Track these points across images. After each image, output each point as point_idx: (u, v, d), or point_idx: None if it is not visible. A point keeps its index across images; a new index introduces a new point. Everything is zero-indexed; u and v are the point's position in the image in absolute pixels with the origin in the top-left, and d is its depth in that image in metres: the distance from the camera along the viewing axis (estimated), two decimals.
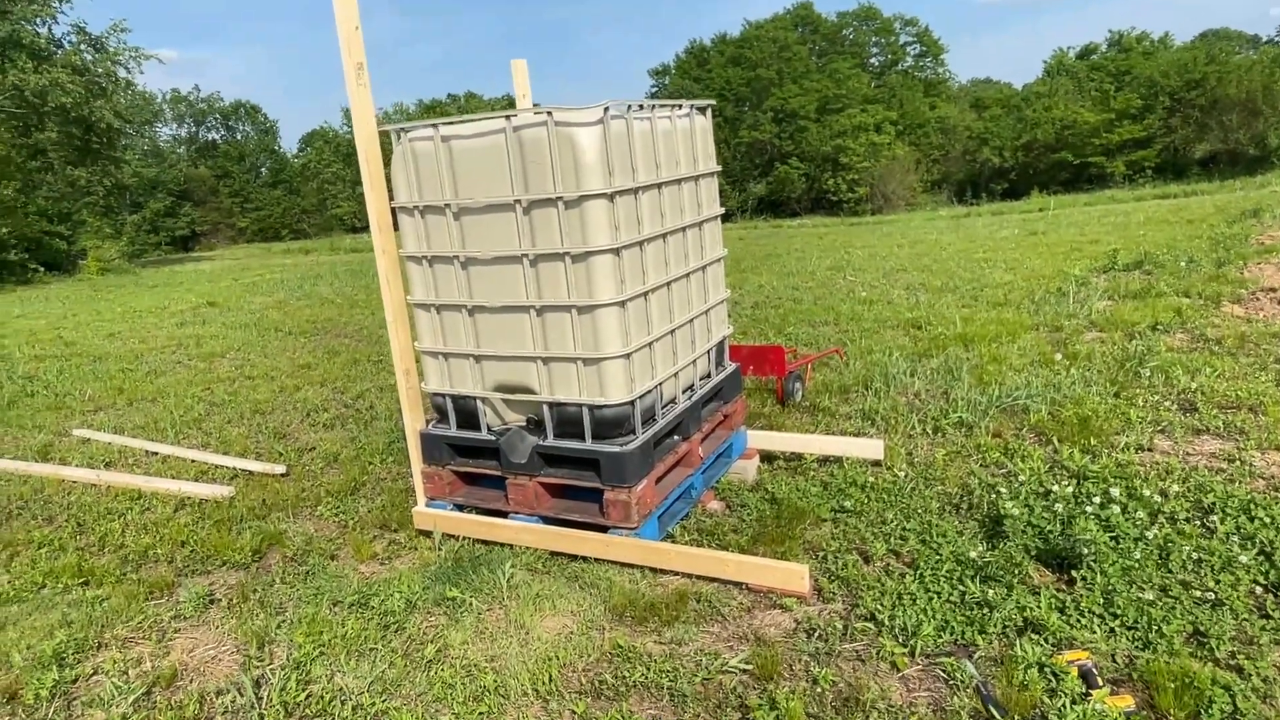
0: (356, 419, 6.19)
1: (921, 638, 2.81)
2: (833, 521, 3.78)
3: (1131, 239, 12.23)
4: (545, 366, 3.52)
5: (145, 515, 4.54)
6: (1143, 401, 4.89)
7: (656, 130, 3.59)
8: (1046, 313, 7.66)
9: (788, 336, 7.82)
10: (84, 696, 2.91)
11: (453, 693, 2.74)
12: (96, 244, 24.90)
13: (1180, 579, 3.02)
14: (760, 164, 42.52)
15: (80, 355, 9.68)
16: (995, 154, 39.73)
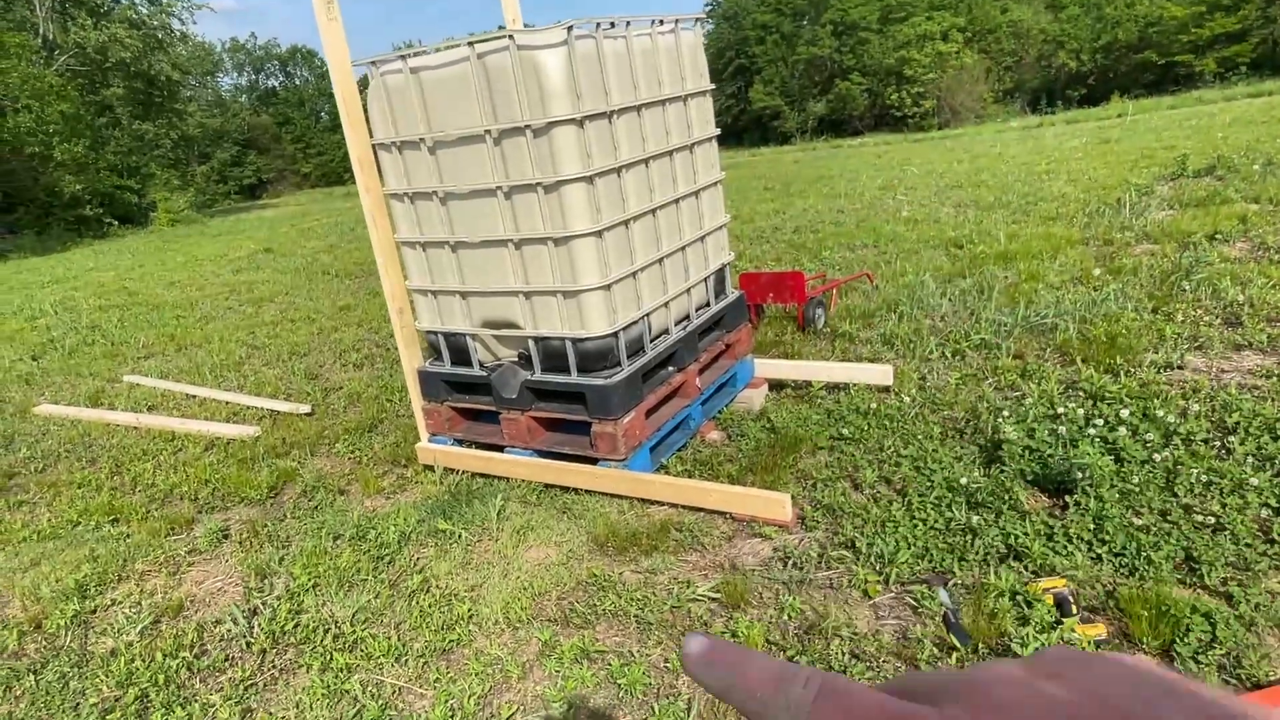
0: (385, 358, 6.31)
1: (897, 565, 2.75)
2: (829, 449, 3.70)
3: (1209, 142, 11.36)
4: (527, 301, 3.49)
5: (176, 456, 4.76)
6: (1182, 316, 4.59)
7: (633, 49, 3.44)
8: (1099, 226, 7.22)
9: (823, 261, 7.59)
10: (99, 626, 3.11)
11: (428, 621, 2.82)
12: (166, 196, 25.75)
13: (1183, 503, 2.86)
14: (820, 81, 40.87)
15: (140, 304, 10.11)
16: (1072, 58, 37.16)
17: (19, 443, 5.27)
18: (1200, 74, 32.40)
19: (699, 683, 0.32)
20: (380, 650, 2.71)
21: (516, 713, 2.38)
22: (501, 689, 2.49)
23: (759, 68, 42.33)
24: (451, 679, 2.55)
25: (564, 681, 2.46)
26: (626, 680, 2.41)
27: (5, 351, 8.00)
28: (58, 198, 21.49)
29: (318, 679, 2.62)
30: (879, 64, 38.36)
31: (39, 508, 4.28)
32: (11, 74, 19.64)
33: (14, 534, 3.94)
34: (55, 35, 24.11)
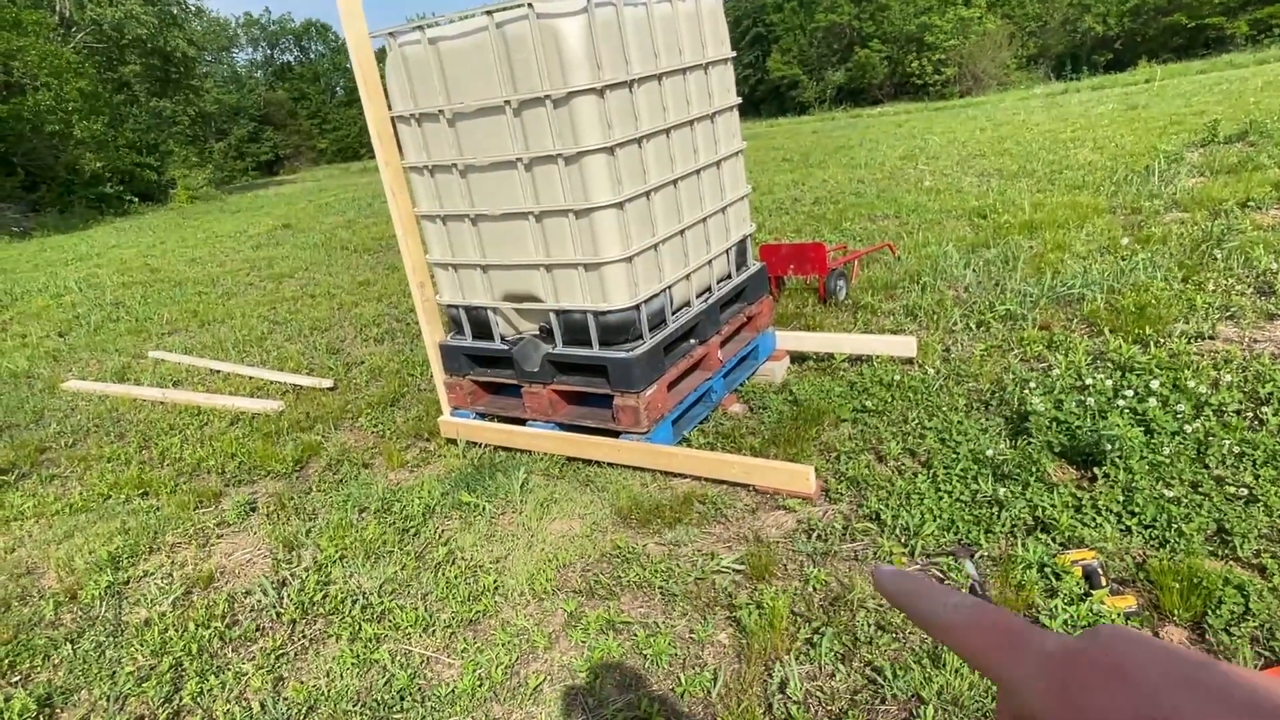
0: (405, 333, 6.33)
1: (923, 537, 2.73)
2: (852, 422, 3.67)
3: (1241, 108, 11.09)
4: (549, 274, 3.48)
5: (202, 430, 4.82)
6: (1213, 286, 4.51)
7: (654, 15, 3.38)
8: (1127, 194, 7.08)
9: (843, 232, 7.51)
10: (132, 596, 3.16)
11: (455, 592, 2.85)
12: (184, 173, 25.88)
13: (1215, 474, 2.82)
14: (838, 49, 40.15)
15: (163, 281, 10.19)
16: (1098, 22, 36.25)
17: (49, 418, 5.35)
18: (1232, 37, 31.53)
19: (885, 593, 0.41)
20: (408, 621, 2.74)
21: (544, 682, 2.40)
22: (528, 659, 2.51)
23: (776, 36, 41.66)
24: (479, 649, 2.57)
25: (590, 652, 2.48)
26: (652, 651, 2.43)
27: (33, 328, 8.10)
28: (79, 175, 21.63)
29: (347, 648, 2.65)
30: (899, 31, 37.62)
31: (70, 481, 4.35)
32: (30, 51, 19.69)
33: (47, 507, 4.01)
34: (72, 12, 24.12)
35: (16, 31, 19.54)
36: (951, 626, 0.37)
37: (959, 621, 0.37)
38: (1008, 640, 0.35)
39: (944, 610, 0.38)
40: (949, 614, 0.38)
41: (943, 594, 0.39)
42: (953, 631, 0.37)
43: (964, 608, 0.38)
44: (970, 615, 0.37)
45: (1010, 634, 0.35)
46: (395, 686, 2.46)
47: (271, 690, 2.55)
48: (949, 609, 0.38)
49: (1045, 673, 0.33)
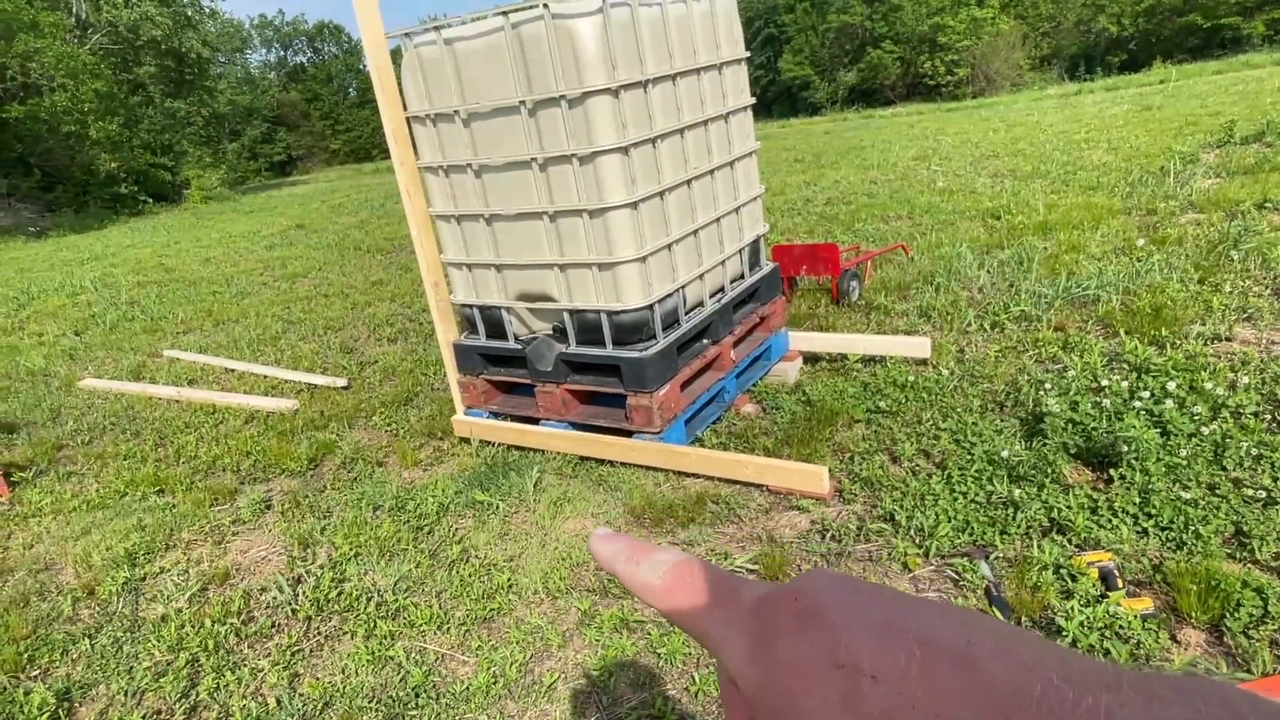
0: (418, 332, 6.36)
1: (938, 538, 2.73)
2: (865, 423, 3.67)
3: (1257, 109, 11.00)
4: (563, 274, 3.49)
5: (218, 428, 4.85)
6: (1230, 287, 4.48)
7: (668, 16, 3.39)
8: (1142, 195, 7.04)
9: (856, 233, 7.49)
10: (149, 592, 3.19)
11: (469, 590, 2.86)
12: (198, 173, 26.03)
13: (1233, 477, 2.80)
14: (850, 50, 40.06)
15: (177, 280, 10.26)
16: (1113, 22, 36.03)
17: (65, 416, 5.39)
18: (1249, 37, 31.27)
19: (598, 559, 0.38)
20: (422, 618, 2.75)
21: (558, 680, 2.41)
22: (542, 656, 2.52)
23: (788, 36, 41.59)
24: (493, 646, 2.58)
25: (604, 650, 2.48)
26: (666, 650, 2.43)
27: (49, 327, 8.17)
28: (94, 176, 21.80)
29: (362, 645, 2.67)
30: (912, 31, 37.50)
31: (87, 479, 4.38)
32: (47, 53, 19.86)
33: (64, 504, 4.05)
34: (88, 14, 24.34)
35: (34, 33, 19.72)
36: (658, 589, 0.35)
37: (665, 582, 0.34)
38: (712, 595, 0.33)
39: (649, 571, 0.35)
40: (656, 575, 0.35)
41: (649, 553, 0.36)
42: (658, 592, 0.35)
43: (669, 565, 0.35)
44: (674, 573, 0.34)
45: (714, 588, 0.33)
46: (410, 683, 2.47)
47: (287, 686, 2.56)
48: (658, 569, 0.35)
49: (743, 624, 0.31)
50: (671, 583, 0.34)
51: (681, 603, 0.34)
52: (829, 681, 0.27)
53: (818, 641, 0.28)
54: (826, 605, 0.29)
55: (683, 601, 0.34)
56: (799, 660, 0.28)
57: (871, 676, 0.26)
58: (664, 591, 0.34)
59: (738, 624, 0.31)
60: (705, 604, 0.33)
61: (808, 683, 0.27)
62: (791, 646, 0.28)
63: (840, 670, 0.27)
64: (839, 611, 0.28)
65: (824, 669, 0.27)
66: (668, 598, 0.34)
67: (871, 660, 0.26)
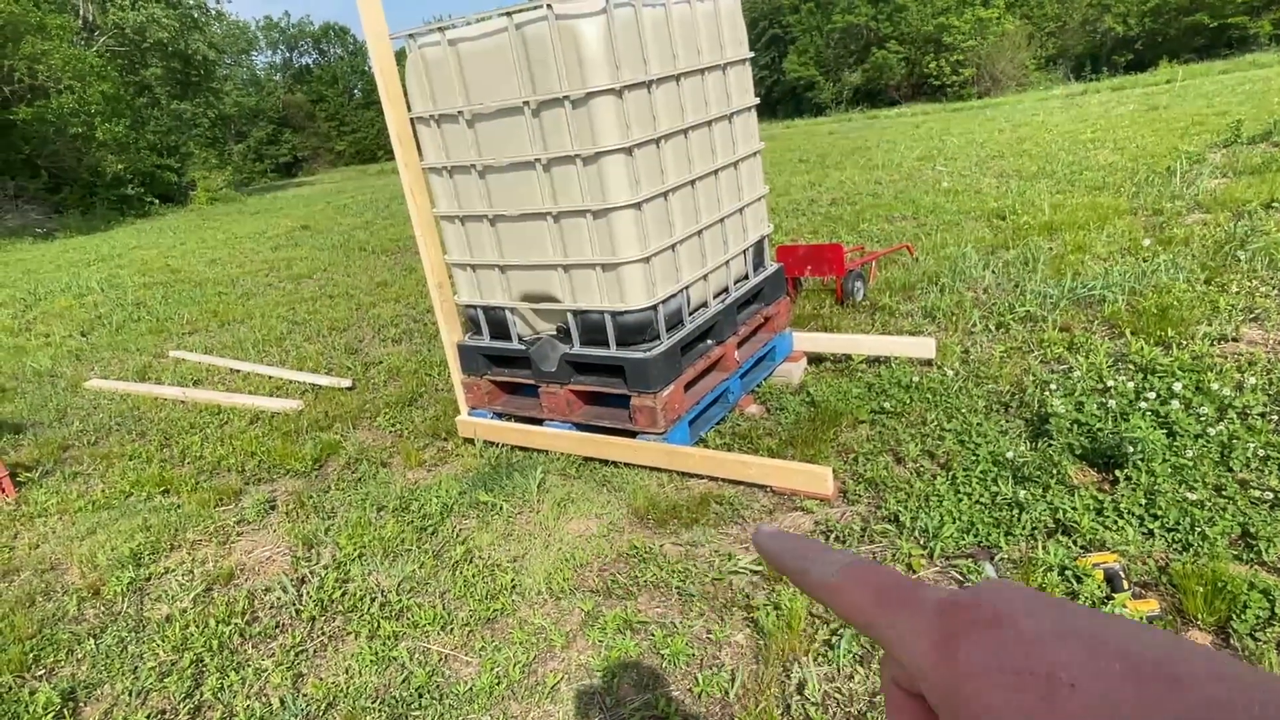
0: (423, 333, 6.37)
1: (943, 540, 2.72)
2: (870, 423, 3.66)
3: (1264, 109, 10.96)
4: (566, 274, 3.49)
5: (223, 429, 4.86)
6: (1236, 287, 4.46)
7: (672, 17, 3.38)
8: (1148, 195, 7.01)
9: (861, 233, 7.48)
10: (154, 592, 3.20)
11: (472, 591, 2.86)
12: (204, 174, 26.10)
13: (1240, 478, 2.79)
14: (855, 50, 40.00)
15: (183, 281, 10.29)
16: (1119, 22, 35.92)
17: (72, 416, 5.41)
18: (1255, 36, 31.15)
19: (764, 554, 0.40)
20: (426, 619, 2.75)
21: (561, 681, 2.41)
22: (546, 657, 2.52)
23: (793, 37, 41.56)
24: (496, 647, 2.58)
25: (607, 651, 2.48)
26: (670, 651, 2.43)
27: (56, 328, 8.20)
28: (101, 177, 21.88)
29: (366, 646, 2.67)
30: (917, 32, 37.43)
31: (92, 479, 4.40)
32: (54, 55, 19.95)
33: (70, 504, 4.06)
34: (95, 16, 24.44)
35: (40, 35, 19.80)
36: (831, 586, 0.36)
37: (839, 580, 0.36)
38: (890, 597, 0.34)
39: (825, 569, 0.36)
40: (830, 573, 0.36)
41: (823, 553, 0.37)
42: (834, 591, 0.36)
43: (845, 565, 0.36)
44: (852, 574, 0.35)
45: (893, 591, 0.34)
46: (414, 684, 2.47)
47: (291, 686, 2.57)
48: (830, 567, 0.36)
49: (926, 627, 0.31)
50: (847, 581, 0.35)
51: (857, 601, 0.35)
52: (1023, 686, 0.27)
53: (1008, 647, 0.28)
54: (1014, 613, 0.29)
55: (859, 600, 0.35)
56: (989, 664, 0.28)
57: (1070, 685, 0.26)
58: (839, 589, 0.35)
59: (921, 625, 0.32)
60: (883, 604, 0.34)
61: (1000, 687, 0.28)
62: (981, 650, 0.29)
63: (1033, 676, 0.27)
64: (1027, 620, 0.29)
65: (1016, 674, 0.27)
66: (843, 596, 0.35)
67: (1069, 668, 0.27)
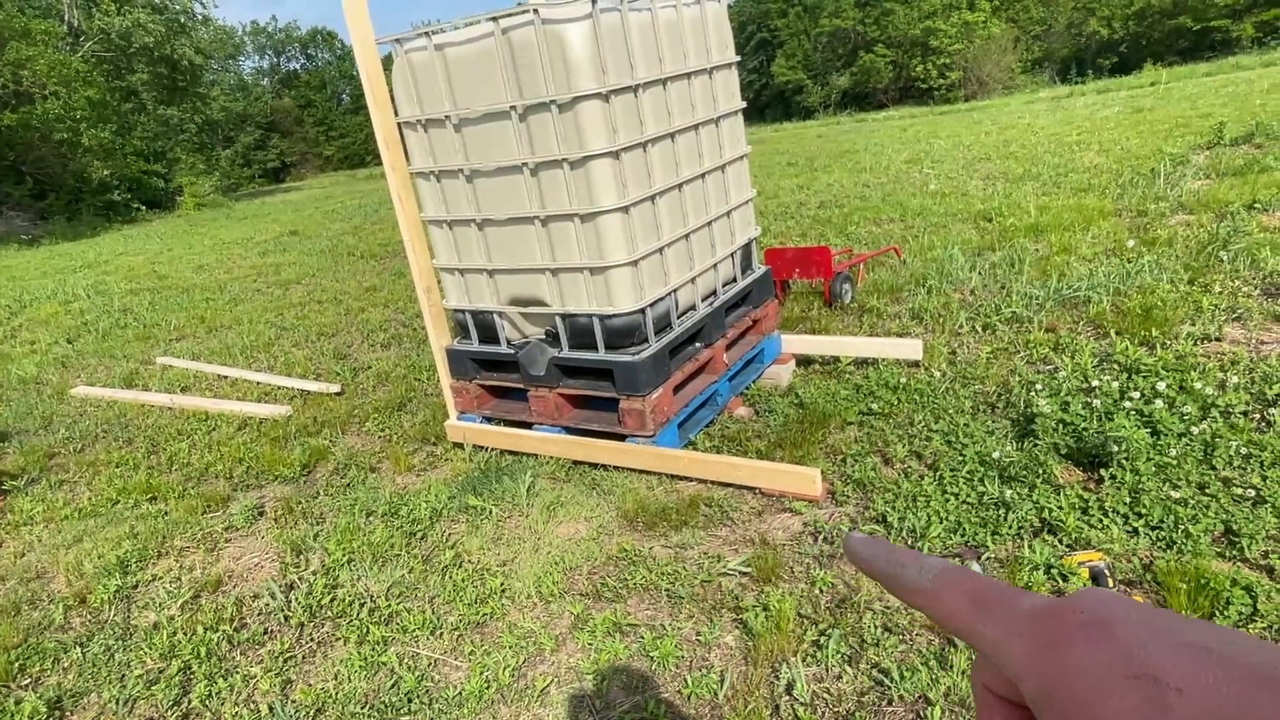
0: (412, 338, 6.35)
1: (930, 540, 2.73)
2: (858, 424, 3.68)
3: (1247, 110, 11.07)
4: (554, 278, 3.49)
5: (210, 435, 4.84)
6: (1219, 288, 4.50)
7: (658, 21, 3.40)
8: (1132, 197, 7.07)
9: (849, 236, 7.52)
10: (141, 600, 3.18)
11: (462, 595, 2.86)
12: (191, 180, 26.00)
13: (1223, 476, 2.81)
14: (843, 54, 40.20)
15: (170, 287, 10.24)
16: (1103, 25, 36.23)
17: (58, 424, 5.38)
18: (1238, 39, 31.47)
19: (855, 559, 0.41)
20: (415, 624, 2.75)
21: (551, 684, 2.41)
22: (535, 661, 2.52)
23: (781, 41, 41.73)
24: (486, 651, 2.58)
25: (597, 654, 2.48)
26: (659, 653, 2.43)
27: (41, 335, 8.15)
28: (86, 183, 21.77)
29: (355, 651, 2.66)
30: (904, 35, 37.65)
31: (79, 486, 4.37)
32: (39, 61, 19.85)
33: (56, 512, 4.04)
34: (80, 21, 24.32)
35: (25, 41, 19.69)
36: (926, 590, 0.37)
37: (934, 585, 0.37)
38: (985, 601, 0.34)
39: (918, 574, 0.37)
40: (923, 578, 0.37)
41: (915, 558, 0.38)
42: (928, 595, 0.37)
43: (938, 571, 0.37)
44: (947, 579, 0.36)
45: (989, 595, 0.34)
46: (403, 689, 2.47)
47: (280, 693, 2.56)
48: (923, 573, 0.37)
49: (1025, 631, 0.32)
50: (941, 587, 0.36)
51: (952, 606, 0.35)
52: (1127, 690, 0.28)
53: (1111, 651, 0.29)
54: (1116, 619, 0.30)
55: (954, 604, 0.35)
56: (1092, 668, 0.29)
57: (1177, 689, 0.27)
58: (933, 594, 0.36)
59: (1018, 630, 0.32)
60: (978, 608, 0.34)
61: (1103, 690, 0.28)
62: (1083, 655, 0.29)
63: (1138, 680, 0.27)
64: (1128, 626, 0.29)
65: (1120, 678, 0.28)
66: (937, 600, 0.36)
67: (1176, 674, 0.27)
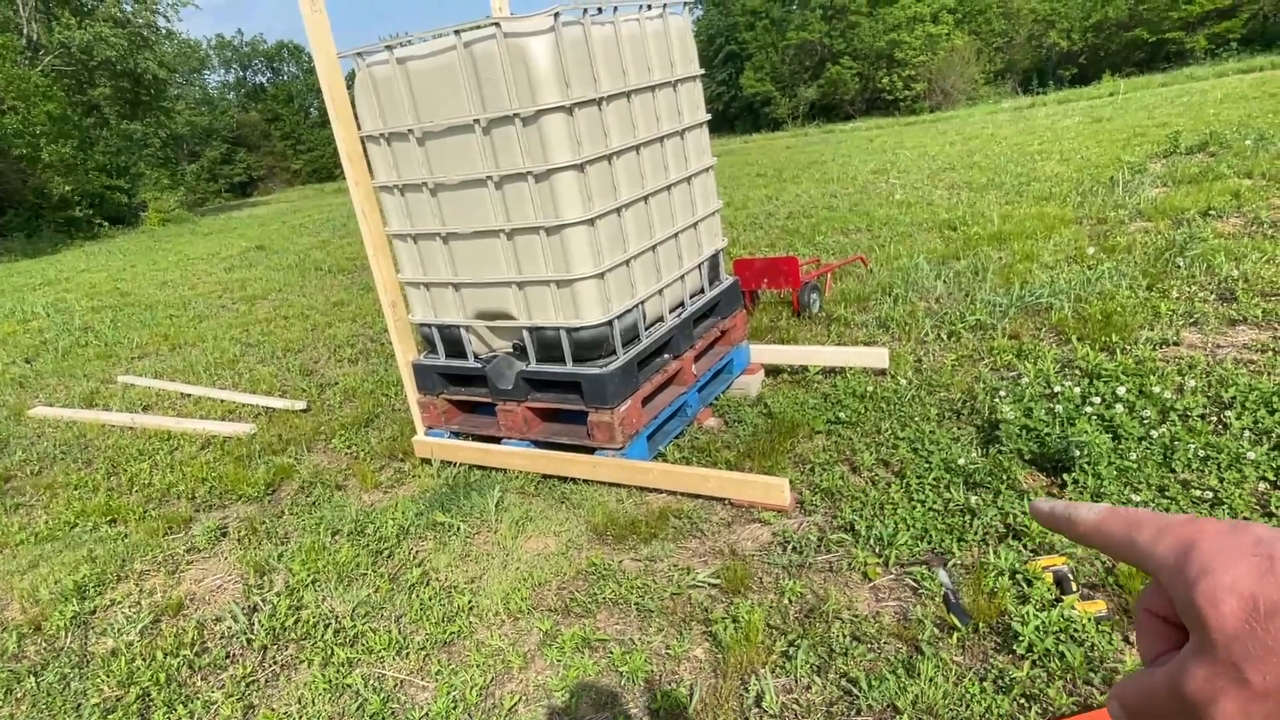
0: (379, 353, 6.29)
1: (897, 547, 2.75)
2: (826, 433, 3.69)
3: (1201, 119, 11.35)
4: (521, 291, 3.48)
5: (173, 455, 4.74)
6: (1176, 293, 4.59)
7: (621, 35, 3.41)
8: (1092, 205, 7.21)
9: (816, 246, 7.58)
10: (99, 626, 3.10)
11: (429, 614, 2.82)
12: (156, 195, 25.61)
13: (1181, 479, 2.86)
14: (810, 66, 40.68)
15: (133, 304, 10.06)
16: (1063, 37, 37.02)
17: (14, 446, 5.24)
18: (1191, 51, 32.31)
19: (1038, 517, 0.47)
20: (381, 644, 2.70)
21: (519, 703, 2.38)
22: (503, 679, 2.49)
23: (749, 54, 42.12)
24: (453, 670, 2.55)
25: (566, 670, 2.46)
26: (628, 668, 2.41)
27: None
28: (47, 199, 21.35)
29: (319, 674, 2.61)
30: (869, 47, 38.19)
31: (35, 510, 4.26)
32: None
33: (11, 537, 3.93)
34: (39, 35, 23.90)
35: None
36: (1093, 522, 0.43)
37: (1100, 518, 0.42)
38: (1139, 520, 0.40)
39: (1087, 513, 0.43)
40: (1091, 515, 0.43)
41: (1085, 505, 0.44)
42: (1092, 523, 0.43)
43: (1101, 509, 0.43)
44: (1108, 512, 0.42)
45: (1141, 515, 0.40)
46: (368, 711, 2.42)
47: (242, 718, 2.50)
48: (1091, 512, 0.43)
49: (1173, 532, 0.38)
50: (1106, 516, 0.42)
51: (1114, 529, 0.41)
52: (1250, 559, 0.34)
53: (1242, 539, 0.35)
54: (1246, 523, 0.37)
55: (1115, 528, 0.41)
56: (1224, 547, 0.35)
57: None
58: (1099, 524, 0.42)
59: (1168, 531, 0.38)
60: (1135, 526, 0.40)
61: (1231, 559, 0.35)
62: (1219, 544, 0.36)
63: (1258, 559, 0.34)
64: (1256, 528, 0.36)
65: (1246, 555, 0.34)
66: (1104, 529, 0.42)
67: None
